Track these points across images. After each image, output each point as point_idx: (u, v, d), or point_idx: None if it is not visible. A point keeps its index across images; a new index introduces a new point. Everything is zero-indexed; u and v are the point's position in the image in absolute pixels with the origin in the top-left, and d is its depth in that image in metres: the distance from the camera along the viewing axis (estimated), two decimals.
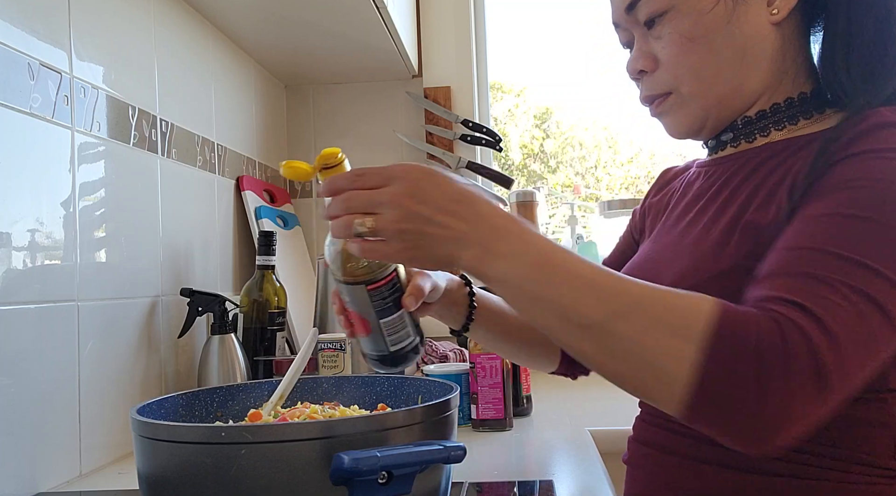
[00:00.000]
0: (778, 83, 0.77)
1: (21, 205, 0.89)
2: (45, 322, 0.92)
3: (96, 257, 1.04)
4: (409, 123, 1.91)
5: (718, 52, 0.74)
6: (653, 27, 0.77)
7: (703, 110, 0.78)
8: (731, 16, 0.74)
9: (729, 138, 0.81)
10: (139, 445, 0.62)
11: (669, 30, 0.76)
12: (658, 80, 0.79)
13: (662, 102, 0.80)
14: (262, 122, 1.76)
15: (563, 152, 3.01)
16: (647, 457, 0.80)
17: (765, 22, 0.74)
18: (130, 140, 1.14)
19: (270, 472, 0.55)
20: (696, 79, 0.76)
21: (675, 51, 0.76)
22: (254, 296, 1.38)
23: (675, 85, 0.78)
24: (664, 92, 0.79)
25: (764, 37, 0.75)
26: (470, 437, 1.14)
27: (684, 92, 0.77)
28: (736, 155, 0.80)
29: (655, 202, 0.95)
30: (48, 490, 0.91)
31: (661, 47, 0.77)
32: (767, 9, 0.74)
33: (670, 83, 0.78)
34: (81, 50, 1.02)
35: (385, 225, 0.64)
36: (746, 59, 0.75)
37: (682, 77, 0.76)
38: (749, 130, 0.79)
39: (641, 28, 0.79)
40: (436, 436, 0.63)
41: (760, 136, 0.79)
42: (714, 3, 0.73)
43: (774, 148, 0.77)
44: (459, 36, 1.89)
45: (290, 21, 1.48)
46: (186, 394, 0.78)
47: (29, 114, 0.90)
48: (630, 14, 0.79)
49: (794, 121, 0.77)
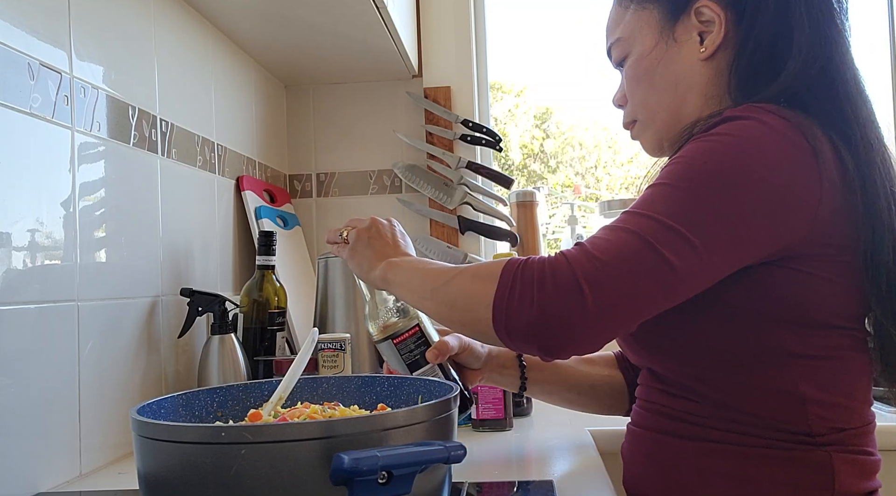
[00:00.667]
0: (713, 106, 0.87)
1: (21, 205, 0.89)
2: (45, 322, 0.92)
3: (96, 257, 1.04)
4: (409, 123, 1.91)
5: (657, 88, 0.90)
6: (622, 69, 0.95)
7: (656, 133, 0.93)
8: (665, 57, 0.89)
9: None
10: (139, 445, 0.62)
11: (627, 72, 0.93)
12: (627, 112, 0.97)
13: (632, 129, 0.97)
14: (262, 122, 1.76)
15: (563, 152, 3.01)
16: (632, 438, 0.91)
17: (695, 59, 0.87)
18: (130, 140, 1.14)
19: (270, 472, 0.55)
20: (646, 110, 0.93)
21: (629, 88, 0.94)
22: (254, 296, 1.37)
23: (635, 115, 0.95)
24: (631, 120, 0.96)
25: (695, 71, 0.88)
26: (470, 437, 1.14)
27: (642, 119, 0.94)
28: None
29: None
30: (48, 490, 0.91)
31: (626, 85, 0.95)
32: (699, 47, 0.87)
33: (633, 113, 0.95)
34: (81, 50, 1.02)
35: (354, 234, 0.95)
36: (679, 91, 0.89)
37: (637, 109, 0.94)
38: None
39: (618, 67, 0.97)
40: (436, 436, 0.63)
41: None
42: (652, 47, 0.90)
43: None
44: (459, 36, 1.89)
45: (290, 21, 1.48)
46: (186, 394, 0.78)
47: (29, 114, 0.90)
48: (610, 58, 0.97)
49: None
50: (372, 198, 1.91)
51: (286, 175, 1.92)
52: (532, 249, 1.84)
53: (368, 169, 1.91)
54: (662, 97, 0.90)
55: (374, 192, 1.91)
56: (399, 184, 1.90)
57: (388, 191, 1.91)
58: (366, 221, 0.96)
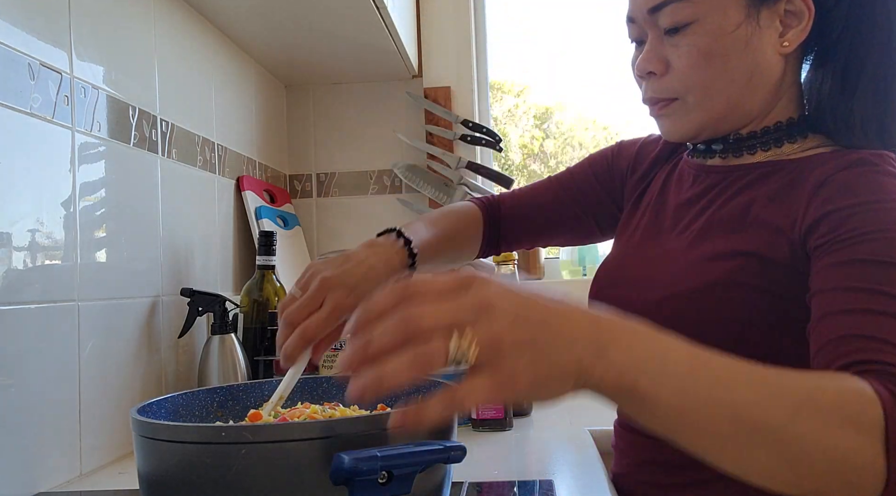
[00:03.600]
0: (772, 107, 0.82)
1: (21, 205, 0.89)
2: (46, 322, 0.92)
3: (96, 257, 1.04)
4: (409, 123, 1.91)
5: (731, 73, 0.78)
6: (674, 35, 0.79)
7: (702, 121, 0.82)
8: (750, 40, 0.77)
9: (719, 149, 0.86)
10: (139, 445, 0.62)
11: (689, 41, 0.78)
12: (666, 85, 0.81)
13: (666, 106, 0.83)
14: (262, 122, 1.76)
15: (563, 152, 3.01)
16: (624, 438, 0.90)
17: (774, 51, 0.79)
18: (131, 140, 1.14)
19: (270, 472, 0.55)
20: (705, 92, 0.79)
21: (690, 62, 0.78)
22: (254, 296, 1.38)
23: (683, 93, 0.81)
24: (670, 97, 0.82)
25: (772, 65, 0.79)
26: (470, 437, 1.14)
27: (690, 101, 0.81)
28: (728, 168, 0.86)
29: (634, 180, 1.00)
30: (48, 490, 0.90)
31: (676, 55, 0.79)
32: (779, 40, 0.78)
33: (679, 91, 0.81)
34: (81, 50, 1.02)
35: (492, 336, 0.45)
36: (752, 83, 0.79)
37: (692, 88, 0.80)
38: (737, 147, 0.85)
39: (659, 31, 0.81)
40: (436, 436, 0.63)
41: (748, 153, 0.84)
42: (737, 24, 0.76)
43: (763, 169, 0.82)
44: (459, 36, 1.89)
45: (290, 21, 1.48)
46: (186, 394, 0.78)
47: (29, 114, 0.90)
48: (652, 16, 0.80)
49: (780, 144, 0.83)
50: (372, 198, 1.91)
51: (286, 175, 1.92)
52: (532, 249, 1.84)
53: (368, 169, 1.91)
54: (733, 86, 0.79)
55: (374, 192, 1.91)
56: (399, 184, 1.90)
57: (388, 191, 1.91)
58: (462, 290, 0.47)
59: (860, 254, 0.66)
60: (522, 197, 1.09)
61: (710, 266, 0.78)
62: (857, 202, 0.70)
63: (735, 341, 0.69)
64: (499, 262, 1.37)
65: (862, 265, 0.65)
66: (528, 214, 1.07)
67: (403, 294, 0.47)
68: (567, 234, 1.09)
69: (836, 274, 0.66)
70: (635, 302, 0.81)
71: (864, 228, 0.67)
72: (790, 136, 0.83)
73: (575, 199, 1.05)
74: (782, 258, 0.75)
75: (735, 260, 0.77)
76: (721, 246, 0.79)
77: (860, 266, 0.65)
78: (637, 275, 0.87)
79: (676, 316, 0.77)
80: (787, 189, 0.78)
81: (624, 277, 0.90)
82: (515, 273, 1.35)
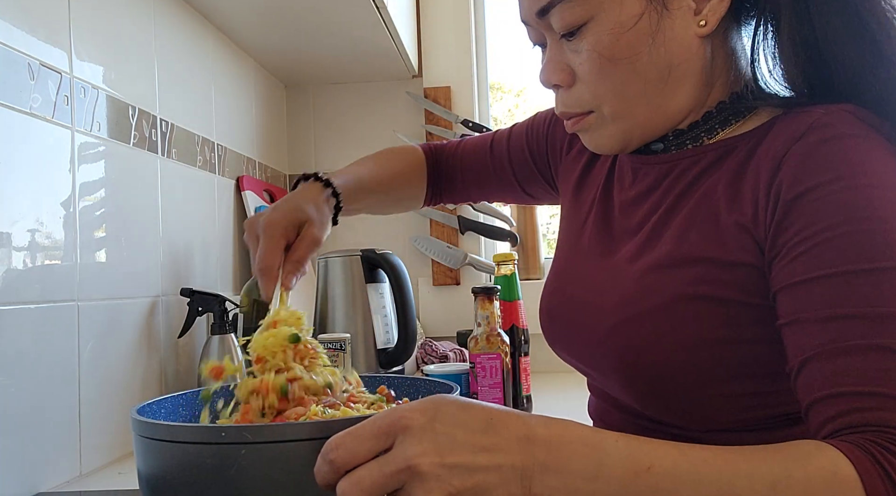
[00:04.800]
0: (708, 95, 0.71)
1: (21, 205, 0.89)
2: (45, 322, 0.92)
3: (96, 257, 1.04)
4: (409, 123, 1.91)
5: (642, 73, 0.67)
6: (570, 39, 0.69)
7: (626, 131, 0.71)
8: (656, 32, 0.66)
9: (659, 148, 0.75)
10: (139, 445, 0.62)
11: (589, 45, 0.67)
12: (576, 98, 0.71)
13: (581, 120, 0.72)
14: (262, 122, 1.76)
15: None
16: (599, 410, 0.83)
17: (692, 35, 0.67)
18: (130, 140, 1.14)
19: (270, 472, 0.55)
20: (619, 100, 0.69)
21: (594, 69, 0.67)
22: (254, 296, 1.37)
23: (596, 104, 0.70)
24: (584, 111, 0.71)
25: (692, 52, 0.67)
26: None
27: (606, 112, 0.70)
28: (673, 157, 0.74)
29: (570, 160, 0.90)
30: (48, 490, 0.90)
31: (578, 62, 0.69)
32: (695, 19, 0.66)
33: (590, 103, 0.70)
34: (81, 50, 1.02)
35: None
36: (673, 78, 0.67)
37: (604, 97, 0.69)
38: (681, 141, 0.73)
39: (555, 35, 0.70)
40: None
41: (692, 145, 0.73)
42: (637, 16, 0.65)
43: (710, 154, 0.71)
44: (459, 36, 1.89)
45: (290, 21, 1.48)
46: (186, 394, 0.78)
47: (29, 114, 0.90)
48: (542, 19, 0.70)
49: (726, 124, 0.71)
50: None
51: (286, 175, 1.92)
52: (532, 249, 1.84)
53: None
54: (649, 88, 0.68)
55: None
56: None
57: None
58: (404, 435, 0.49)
59: (826, 263, 0.58)
60: (464, 151, 1.03)
61: (663, 279, 0.68)
62: (816, 184, 0.60)
63: (703, 360, 0.65)
64: (499, 262, 1.37)
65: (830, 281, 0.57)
66: (464, 169, 1.03)
67: (327, 448, 0.50)
68: (498, 196, 1.06)
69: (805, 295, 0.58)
70: (589, 328, 0.73)
71: (827, 221, 0.58)
72: (736, 112, 0.70)
73: (503, 167, 0.99)
74: (747, 259, 0.64)
75: (692, 268, 0.66)
76: (674, 251, 0.68)
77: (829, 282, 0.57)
78: (587, 297, 0.76)
79: (635, 343, 0.68)
80: (741, 174, 0.67)
81: (572, 299, 0.79)
82: (516, 274, 1.35)
